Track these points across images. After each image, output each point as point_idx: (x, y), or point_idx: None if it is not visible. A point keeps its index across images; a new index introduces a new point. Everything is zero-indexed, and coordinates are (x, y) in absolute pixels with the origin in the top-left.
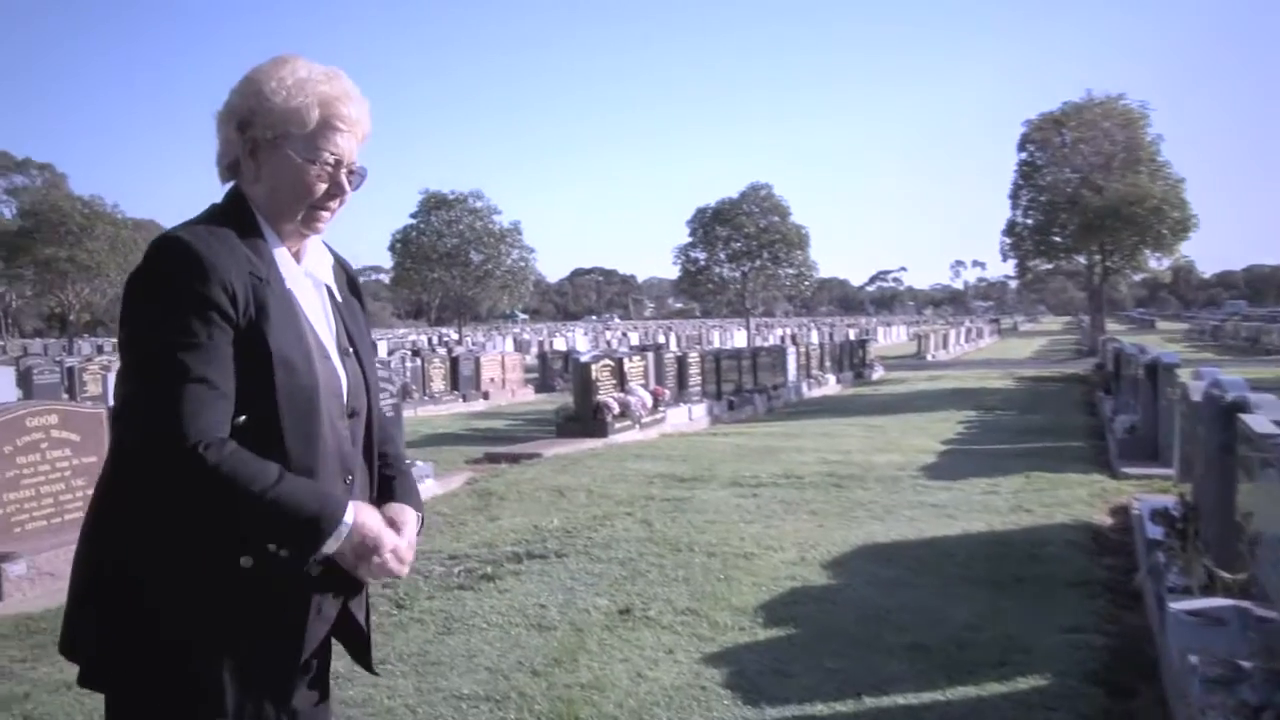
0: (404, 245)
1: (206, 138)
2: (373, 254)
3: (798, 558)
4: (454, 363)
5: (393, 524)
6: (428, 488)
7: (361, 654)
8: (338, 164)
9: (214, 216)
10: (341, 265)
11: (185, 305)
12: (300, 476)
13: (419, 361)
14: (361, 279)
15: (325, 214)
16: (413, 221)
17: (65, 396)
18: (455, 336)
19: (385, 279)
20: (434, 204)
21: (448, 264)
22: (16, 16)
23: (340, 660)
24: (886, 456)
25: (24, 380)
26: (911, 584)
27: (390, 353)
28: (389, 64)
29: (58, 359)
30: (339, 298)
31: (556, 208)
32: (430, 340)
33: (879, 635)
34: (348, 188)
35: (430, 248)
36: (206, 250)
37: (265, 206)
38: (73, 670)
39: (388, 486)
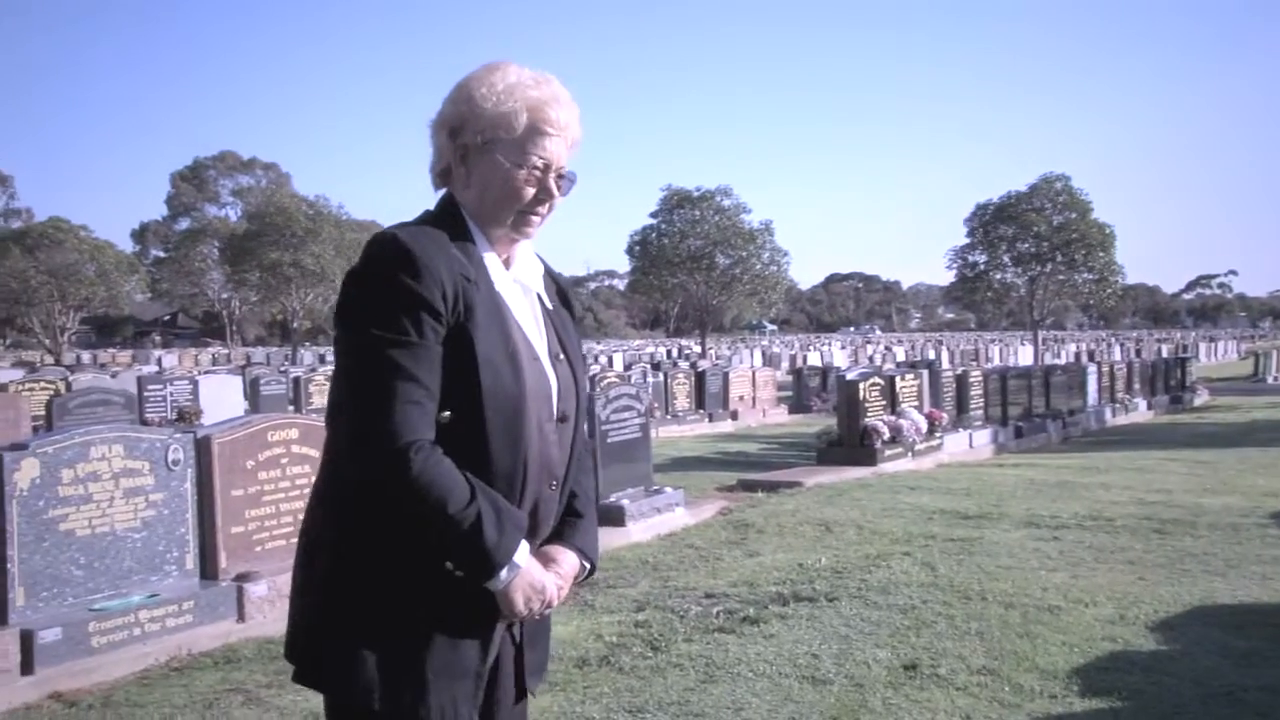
0: (643, 247)
1: (424, 137)
2: (607, 258)
3: (1116, 615)
4: (699, 378)
5: (551, 563)
6: (678, 517)
7: (519, 667)
8: (546, 168)
9: (427, 220)
10: (553, 277)
11: (400, 303)
12: (494, 496)
13: (660, 376)
14: (594, 284)
15: (535, 219)
16: (653, 221)
17: (290, 408)
18: (698, 349)
19: (619, 285)
20: (677, 201)
21: (690, 268)
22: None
23: (597, 705)
24: (1221, 499)
25: (251, 391)
26: (1271, 658)
27: (628, 366)
28: (633, 51)
29: (282, 369)
30: (549, 306)
31: (810, 207)
32: (670, 353)
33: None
34: (556, 192)
35: (672, 250)
36: (420, 249)
37: (476, 211)
38: (320, 700)
39: (565, 526)
